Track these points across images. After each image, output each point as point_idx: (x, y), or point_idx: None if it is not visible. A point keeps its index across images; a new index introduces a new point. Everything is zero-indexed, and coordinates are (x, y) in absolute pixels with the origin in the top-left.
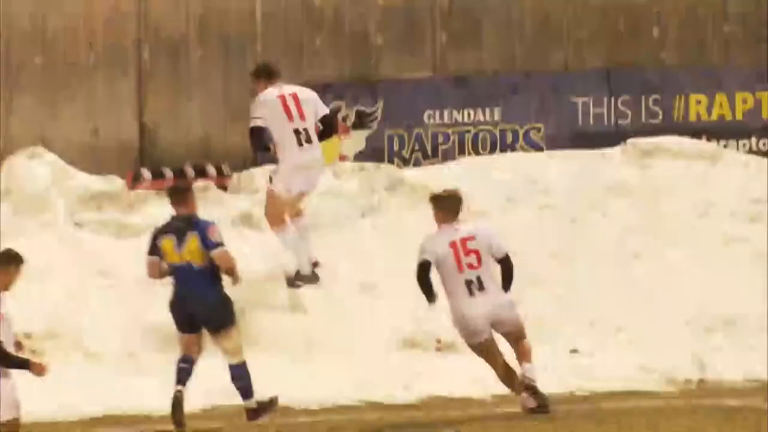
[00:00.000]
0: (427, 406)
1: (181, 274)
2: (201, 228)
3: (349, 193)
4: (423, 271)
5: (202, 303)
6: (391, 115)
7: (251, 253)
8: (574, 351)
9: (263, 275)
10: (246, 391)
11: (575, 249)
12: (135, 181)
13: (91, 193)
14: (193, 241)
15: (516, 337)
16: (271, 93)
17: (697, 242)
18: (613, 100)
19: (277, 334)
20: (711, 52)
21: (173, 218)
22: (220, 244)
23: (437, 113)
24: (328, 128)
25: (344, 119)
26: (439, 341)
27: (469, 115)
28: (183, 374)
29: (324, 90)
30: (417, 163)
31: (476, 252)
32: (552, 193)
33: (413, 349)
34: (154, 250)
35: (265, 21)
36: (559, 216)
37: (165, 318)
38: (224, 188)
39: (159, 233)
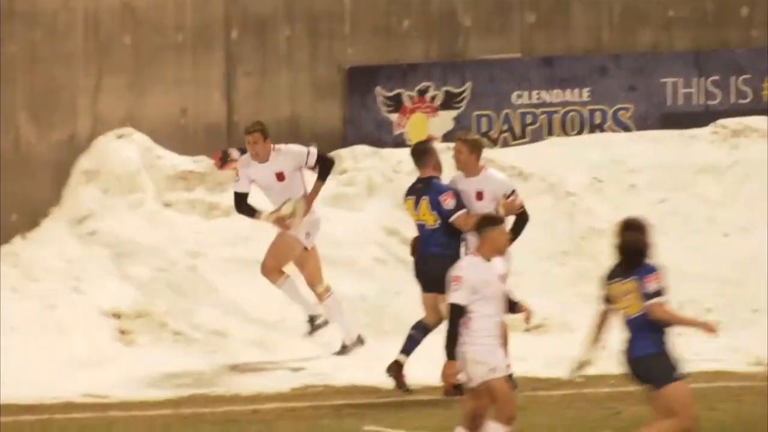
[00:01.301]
0: (515, 386)
1: (420, 233)
2: (434, 191)
3: None
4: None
5: (430, 263)
6: (479, 95)
7: (342, 231)
8: None
9: (355, 254)
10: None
11: (663, 229)
12: (223, 160)
13: (179, 172)
14: (425, 203)
15: None
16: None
17: None
18: (702, 80)
19: (371, 317)
20: None
21: (417, 180)
22: (452, 211)
23: (525, 94)
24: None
25: (432, 99)
26: (527, 321)
27: (557, 95)
28: (409, 342)
29: (412, 71)
30: (505, 144)
31: None
32: (640, 173)
33: None
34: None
35: (354, 1)
36: (647, 196)
37: (254, 297)
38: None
39: (406, 194)
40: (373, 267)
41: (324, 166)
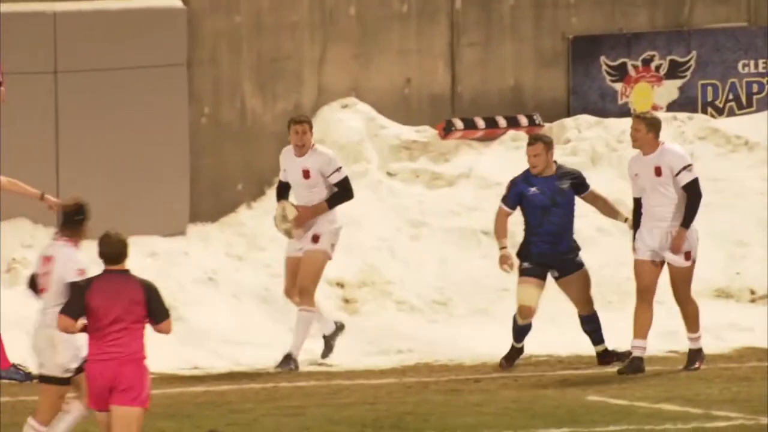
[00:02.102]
0: (741, 356)
1: None
2: None
3: None
4: None
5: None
6: (704, 64)
7: None
8: None
9: (578, 224)
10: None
11: None
12: (447, 130)
13: (403, 142)
14: None
15: None
16: None
17: None
18: None
19: (595, 288)
20: None
21: None
22: None
23: (752, 62)
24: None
25: (657, 69)
26: (753, 292)
27: None
28: (592, 337)
29: (637, 40)
30: (731, 113)
31: None
32: None
33: (727, 300)
34: None
35: None
36: None
37: (476, 266)
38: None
39: None
40: (597, 237)
41: (340, 194)
